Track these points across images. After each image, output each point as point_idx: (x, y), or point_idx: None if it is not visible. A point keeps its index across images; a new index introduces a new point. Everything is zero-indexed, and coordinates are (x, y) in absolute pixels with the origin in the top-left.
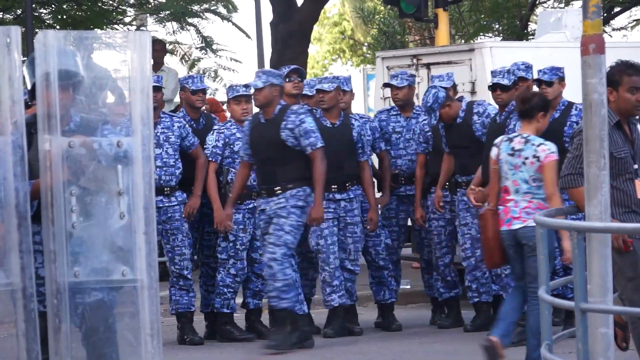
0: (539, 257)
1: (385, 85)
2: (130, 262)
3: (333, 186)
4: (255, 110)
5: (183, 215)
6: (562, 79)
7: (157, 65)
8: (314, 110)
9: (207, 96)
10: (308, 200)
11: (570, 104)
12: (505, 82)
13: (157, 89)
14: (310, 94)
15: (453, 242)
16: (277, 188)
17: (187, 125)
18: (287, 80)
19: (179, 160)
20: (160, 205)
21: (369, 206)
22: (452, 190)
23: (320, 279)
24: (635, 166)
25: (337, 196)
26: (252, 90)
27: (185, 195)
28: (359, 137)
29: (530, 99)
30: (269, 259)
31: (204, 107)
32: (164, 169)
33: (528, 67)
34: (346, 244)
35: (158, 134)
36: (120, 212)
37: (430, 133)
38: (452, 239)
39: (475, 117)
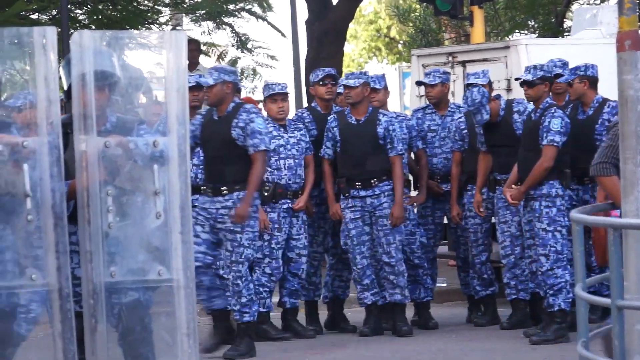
0: (575, 254)
1: (418, 83)
2: (166, 262)
3: (357, 183)
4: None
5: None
6: (583, 77)
7: (192, 65)
8: (342, 109)
9: (245, 95)
10: (257, 204)
11: (604, 101)
12: (529, 77)
13: (199, 88)
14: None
15: (489, 240)
16: (224, 188)
17: None
18: (320, 84)
19: None
20: (195, 204)
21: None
22: (491, 188)
23: (352, 278)
24: None
25: (362, 193)
26: (286, 90)
27: None
28: (387, 132)
29: None
30: (234, 277)
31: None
32: (201, 167)
33: (564, 64)
34: (379, 238)
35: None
36: (157, 212)
37: (466, 131)
38: (489, 237)
39: (515, 116)
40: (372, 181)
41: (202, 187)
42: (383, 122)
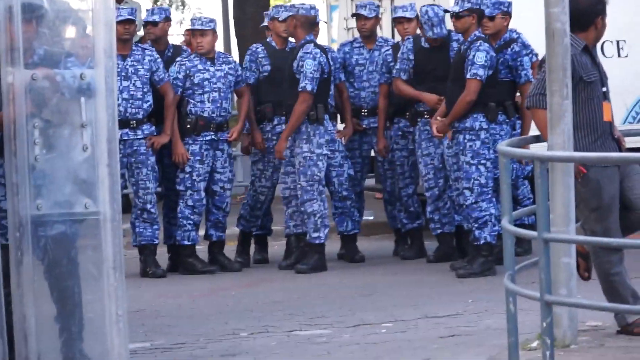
0: (502, 187)
1: (354, 15)
2: (93, 195)
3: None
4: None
5: (147, 147)
6: (505, 13)
7: None
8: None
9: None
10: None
11: (510, 41)
12: (456, 9)
13: (130, 22)
14: (280, 19)
15: (416, 173)
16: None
17: (159, 59)
18: (279, 20)
19: (149, 93)
20: (126, 138)
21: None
22: (412, 120)
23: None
24: (604, 89)
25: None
26: (207, 26)
27: (153, 128)
28: (298, 66)
29: None
30: None
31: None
32: (131, 101)
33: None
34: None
35: (127, 66)
36: (84, 145)
37: (393, 63)
38: (415, 170)
39: (454, 44)
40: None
41: (212, 122)
42: (298, 56)
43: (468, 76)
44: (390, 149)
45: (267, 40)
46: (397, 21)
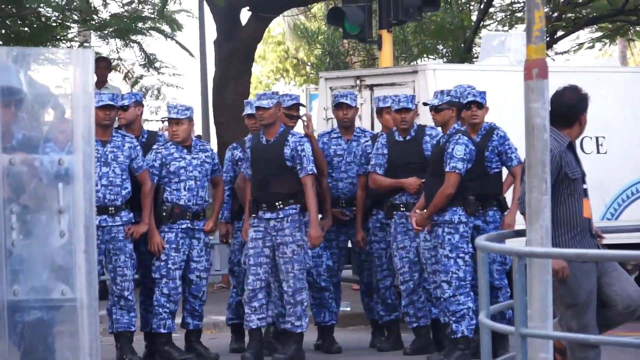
0: (480, 281)
1: (338, 105)
2: (70, 281)
3: (263, 205)
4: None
5: (126, 236)
6: (481, 105)
7: (101, 82)
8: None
9: (148, 114)
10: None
11: (491, 129)
12: (436, 102)
13: (111, 107)
14: (252, 112)
15: (394, 265)
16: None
17: (139, 147)
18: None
19: (128, 180)
20: (104, 225)
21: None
22: (388, 213)
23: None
24: (585, 186)
25: (267, 215)
26: (183, 115)
27: (132, 215)
28: (294, 152)
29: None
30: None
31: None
32: (110, 187)
33: (481, 93)
34: (279, 264)
35: (107, 152)
36: (61, 231)
37: (372, 154)
38: (393, 262)
39: (427, 138)
40: (277, 204)
41: (188, 211)
42: (291, 142)
43: (447, 169)
44: (368, 240)
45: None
46: (384, 112)
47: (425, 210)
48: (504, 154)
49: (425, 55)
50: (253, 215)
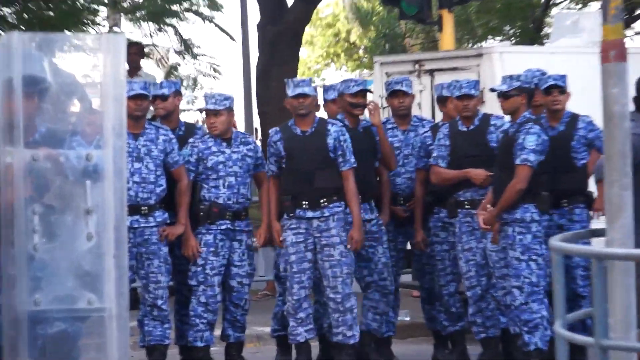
0: (555, 287)
1: (392, 93)
2: (97, 289)
3: (304, 202)
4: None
5: (160, 238)
6: (563, 90)
7: (134, 70)
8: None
9: (184, 104)
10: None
11: (574, 116)
12: (504, 88)
13: (143, 97)
14: (327, 98)
15: (458, 269)
16: None
17: (174, 140)
18: (353, 95)
19: (162, 176)
20: (136, 226)
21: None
22: (452, 211)
23: (285, 309)
24: None
25: (309, 214)
26: (221, 105)
27: (166, 215)
28: (337, 143)
29: None
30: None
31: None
32: (142, 185)
33: (544, 75)
34: (324, 269)
35: (139, 146)
36: (88, 233)
37: (432, 147)
38: (458, 265)
39: (491, 128)
40: (322, 201)
41: (228, 210)
42: (332, 132)
43: (517, 162)
44: (429, 242)
45: (339, 117)
46: (449, 101)
47: (493, 208)
48: (597, 139)
49: (490, 37)
50: (290, 215)
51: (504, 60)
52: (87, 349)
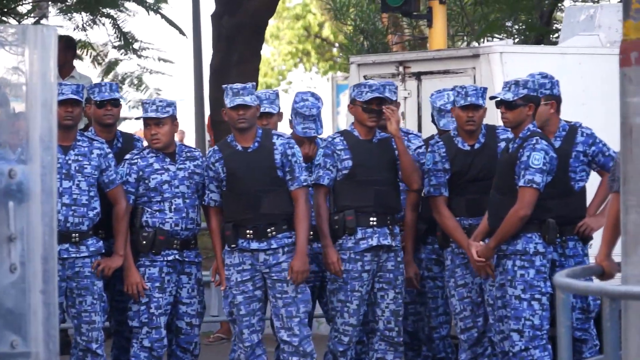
0: (559, 330)
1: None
2: (22, 330)
3: (248, 232)
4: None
5: (93, 270)
6: (550, 97)
7: (65, 70)
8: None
9: (127, 110)
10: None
11: (572, 128)
12: (509, 96)
13: (75, 102)
14: (273, 111)
15: (450, 308)
16: None
17: (111, 155)
18: (365, 105)
19: (96, 198)
20: (66, 256)
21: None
22: (444, 241)
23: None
24: None
25: (254, 245)
26: (164, 113)
27: (101, 243)
28: (284, 159)
29: None
30: None
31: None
32: (73, 208)
33: (552, 81)
34: (277, 309)
35: (69, 161)
36: (11, 264)
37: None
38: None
39: (503, 144)
40: (268, 230)
41: (176, 238)
42: (279, 146)
43: (521, 184)
44: (420, 277)
45: (348, 128)
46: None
47: (488, 239)
48: (599, 155)
49: (489, 35)
50: (232, 246)
51: (504, 62)
52: None
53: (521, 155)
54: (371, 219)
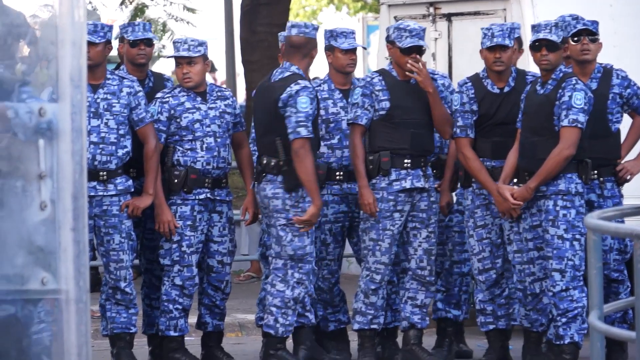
0: (590, 272)
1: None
2: (52, 267)
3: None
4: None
5: (121, 210)
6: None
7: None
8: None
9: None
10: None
11: (607, 70)
12: (555, 38)
13: (89, 44)
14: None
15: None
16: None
17: (141, 93)
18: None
19: (127, 137)
20: (93, 194)
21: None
22: (466, 180)
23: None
24: None
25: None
26: (195, 52)
27: (130, 182)
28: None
29: None
30: None
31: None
32: (101, 146)
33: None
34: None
35: (98, 100)
36: (41, 202)
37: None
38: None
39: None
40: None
41: (207, 176)
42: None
43: (565, 123)
44: (451, 209)
45: (387, 68)
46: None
47: (522, 183)
48: (634, 97)
49: None
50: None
51: (535, 4)
52: (41, 337)
53: (561, 96)
54: (405, 160)
